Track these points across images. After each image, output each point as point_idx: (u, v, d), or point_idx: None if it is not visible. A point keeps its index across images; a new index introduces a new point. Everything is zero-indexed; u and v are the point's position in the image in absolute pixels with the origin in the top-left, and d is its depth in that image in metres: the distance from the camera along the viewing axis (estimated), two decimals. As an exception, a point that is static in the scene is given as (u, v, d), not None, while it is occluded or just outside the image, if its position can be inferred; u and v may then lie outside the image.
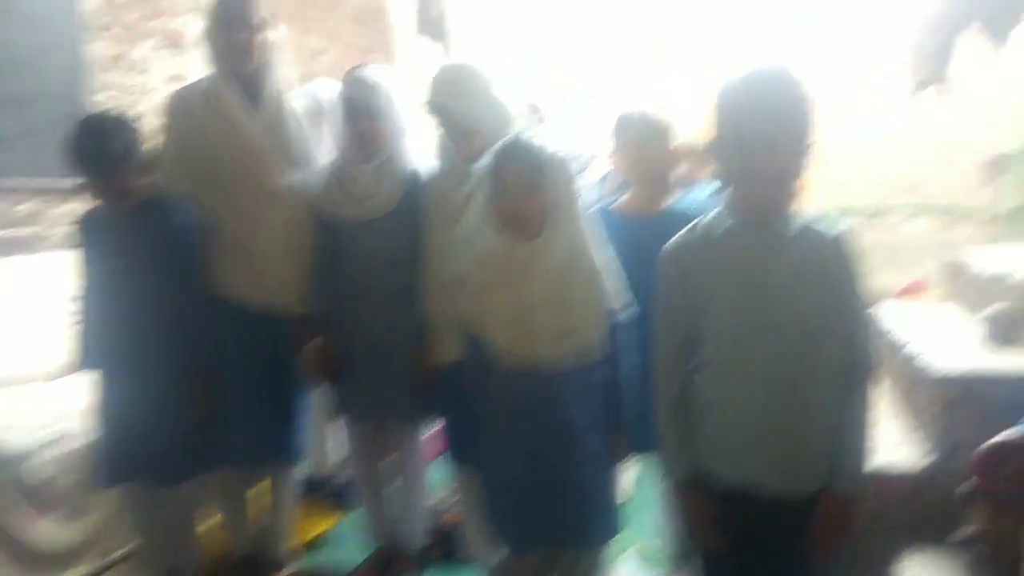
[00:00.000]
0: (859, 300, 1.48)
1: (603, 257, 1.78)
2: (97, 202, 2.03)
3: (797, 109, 1.37)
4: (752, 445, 1.46)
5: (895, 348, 2.67)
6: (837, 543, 1.48)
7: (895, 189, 6.36)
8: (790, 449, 1.45)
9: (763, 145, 1.35)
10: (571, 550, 1.81)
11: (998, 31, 3.42)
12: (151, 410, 2.01)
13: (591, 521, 1.76)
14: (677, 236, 1.55)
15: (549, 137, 1.76)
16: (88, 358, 2.07)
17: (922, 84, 4.28)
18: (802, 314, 1.42)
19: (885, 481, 2.20)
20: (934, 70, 4.15)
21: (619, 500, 1.85)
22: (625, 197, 2.23)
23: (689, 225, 1.55)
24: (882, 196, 6.37)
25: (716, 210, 1.51)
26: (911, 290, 5.02)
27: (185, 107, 2.15)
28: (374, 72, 2.16)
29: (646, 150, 2.13)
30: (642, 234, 1.92)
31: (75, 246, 2.10)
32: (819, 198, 6.42)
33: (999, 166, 5.85)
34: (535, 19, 7.06)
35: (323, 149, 2.31)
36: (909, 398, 2.54)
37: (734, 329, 1.46)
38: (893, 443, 2.39)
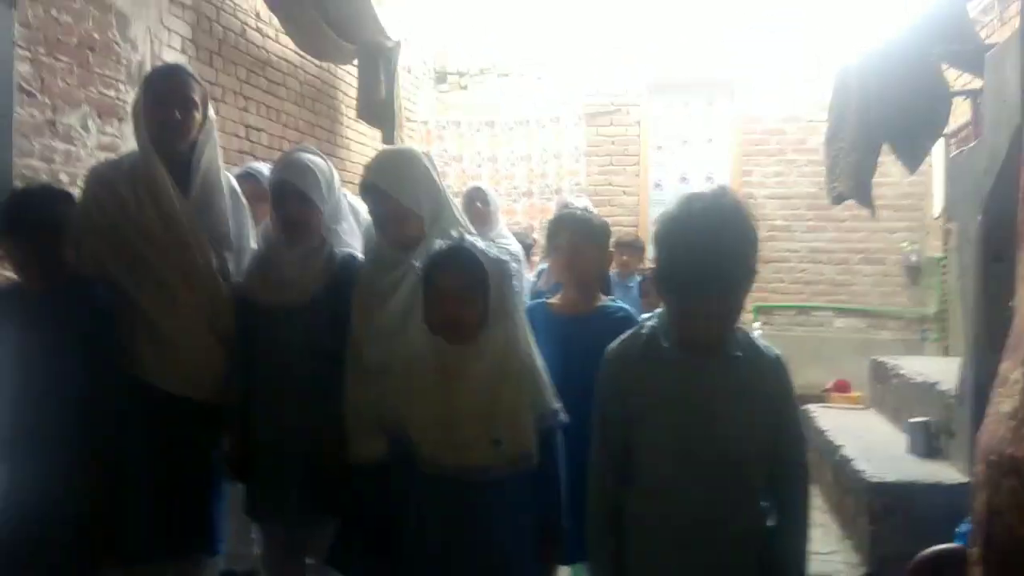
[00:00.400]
0: (797, 422, 1.50)
1: (535, 359, 1.74)
2: (17, 275, 1.91)
3: (733, 249, 1.34)
4: (681, 565, 1.44)
5: (828, 450, 2.70)
6: None
7: (816, 291, 6.63)
8: (718, 569, 1.43)
9: (697, 288, 1.34)
10: None
11: (910, 156, 3.59)
12: (47, 497, 1.86)
13: None
14: (617, 345, 1.54)
15: (499, 238, 1.75)
16: None
17: (838, 198, 4.50)
18: (744, 436, 1.42)
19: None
20: (850, 186, 4.38)
21: None
22: (559, 295, 2.24)
23: (629, 332, 1.55)
24: (804, 297, 6.64)
25: (656, 320, 1.51)
26: (837, 388, 5.16)
27: (106, 184, 2.07)
28: (307, 156, 2.13)
29: (579, 252, 2.16)
30: (576, 332, 1.92)
31: None
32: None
33: (920, 272, 6.18)
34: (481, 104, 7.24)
35: (250, 233, 2.26)
36: (841, 503, 2.56)
37: (673, 450, 1.44)
38: (828, 548, 2.39)
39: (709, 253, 1.32)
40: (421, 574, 1.68)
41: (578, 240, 2.16)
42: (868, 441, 2.70)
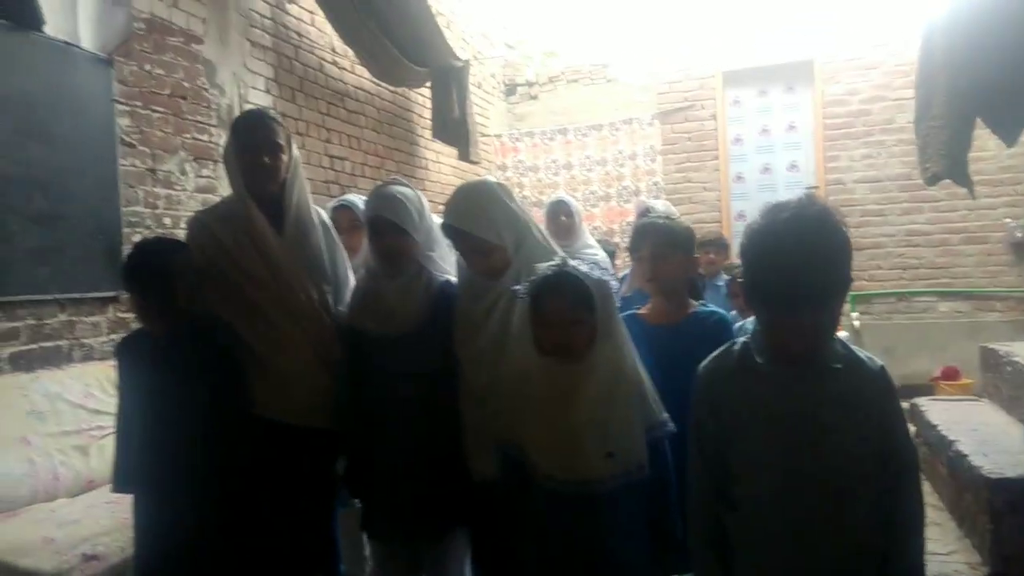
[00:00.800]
0: (903, 431, 1.44)
1: (641, 371, 1.77)
2: (141, 322, 2.04)
3: (823, 262, 1.29)
4: None
5: (942, 445, 2.60)
6: None
7: (916, 275, 6.36)
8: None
9: (788, 304, 1.30)
10: None
11: (1007, 127, 3.40)
12: (188, 530, 1.97)
13: None
14: (709, 361, 1.54)
15: (587, 254, 1.77)
16: (120, 481, 2.05)
17: (933, 179, 4.31)
18: (848, 449, 1.38)
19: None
20: (945, 166, 4.18)
21: None
22: (649, 305, 2.25)
23: (722, 348, 1.53)
24: (903, 283, 6.37)
25: (749, 335, 1.49)
26: (945, 376, 4.94)
27: (207, 232, 2.17)
28: (398, 188, 2.19)
29: (663, 261, 2.14)
30: (669, 342, 1.92)
31: (116, 368, 2.11)
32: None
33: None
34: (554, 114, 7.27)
35: (345, 264, 2.35)
36: (959, 499, 2.45)
37: (774, 465, 1.42)
38: (947, 548, 2.29)
39: (798, 269, 1.28)
40: None
41: (660, 250, 2.15)
42: (983, 434, 2.58)
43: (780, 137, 6.72)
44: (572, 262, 1.74)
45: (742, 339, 1.51)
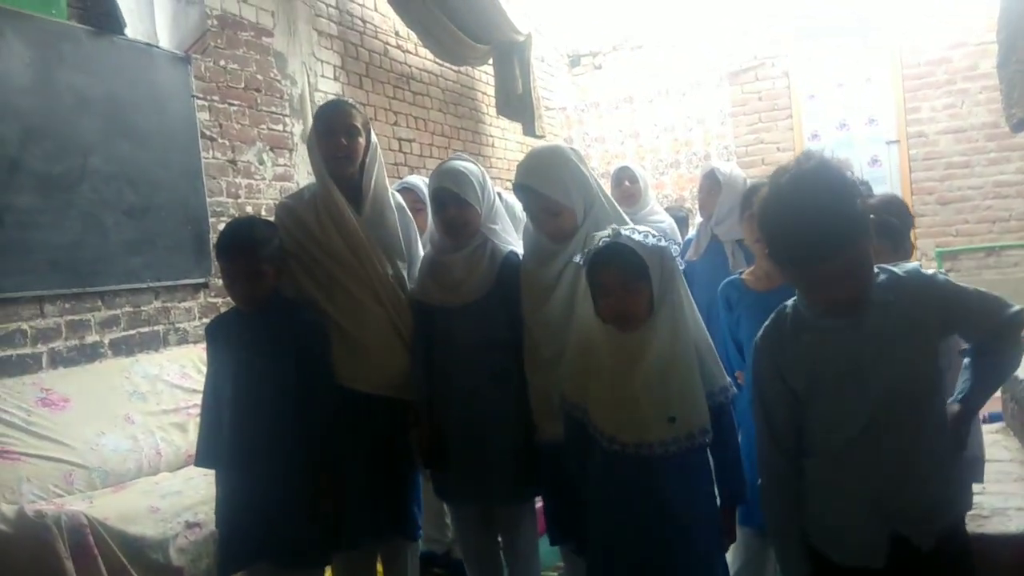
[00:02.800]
0: (964, 293, 1.45)
1: (704, 337, 1.79)
2: (231, 294, 2.17)
3: (828, 210, 1.32)
4: (863, 527, 1.43)
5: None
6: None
7: (1006, 228, 6.07)
8: (909, 523, 1.42)
9: (810, 260, 1.33)
10: None
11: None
12: (274, 500, 2.07)
13: None
14: (765, 328, 1.55)
15: (653, 219, 1.78)
16: (203, 456, 2.18)
17: (1020, 125, 4.11)
18: (899, 376, 1.40)
19: (1008, 545, 2.05)
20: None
21: None
22: (752, 269, 2.26)
23: (774, 313, 1.54)
24: (992, 236, 6.09)
25: (797, 297, 1.50)
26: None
27: (292, 214, 2.29)
28: (460, 162, 2.26)
29: None
30: (774, 306, 1.92)
31: (206, 347, 2.25)
32: (925, 243, 6.25)
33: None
34: (618, 86, 7.21)
35: (418, 242, 2.44)
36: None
37: (833, 406, 1.44)
38: (1017, 504, 2.23)
39: (808, 220, 1.31)
40: (608, 546, 1.75)
41: None
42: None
43: (857, 91, 6.47)
44: (628, 230, 1.76)
45: (791, 301, 1.51)
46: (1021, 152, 5.95)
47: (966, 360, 1.58)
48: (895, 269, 1.45)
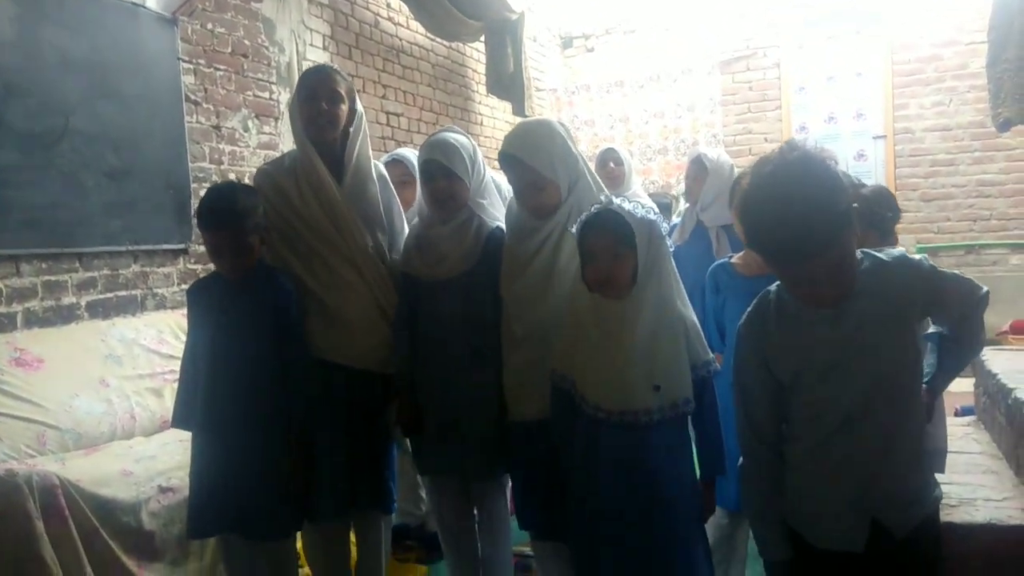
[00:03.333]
0: (940, 277, 1.46)
1: (690, 313, 1.81)
2: (213, 261, 2.15)
3: (812, 204, 1.28)
4: (842, 512, 1.45)
5: (1002, 393, 2.55)
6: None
7: (986, 227, 6.13)
8: (883, 509, 1.44)
9: (792, 255, 1.32)
10: None
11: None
12: (246, 469, 2.07)
13: (685, 571, 1.75)
14: (748, 315, 1.56)
15: (636, 199, 1.80)
16: (180, 418, 2.18)
17: (1005, 125, 4.14)
18: (884, 362, 1.40)
19: (995, 537, 2.09)
20: (1019, 110, 4.01)
21: (710, 552, 1.83)
22: (742, 255, 2.28)
23: (757, 300, 1.55)
24: (973, 235, 6.15)
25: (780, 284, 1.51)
26: (1014, 330, 4.80)
27: (271, 181, 2.26)
28: (451, 135, 2.24)
29: None
30: (756, 292, 1.93)
31: (187, 310, 2.23)
32: (906, 238, 6.29)
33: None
34: (609, 69, 7.18)
35: (401, 214, 2.43)
36: (1016, 446, 2.41)
37: (818, 394, 1.44)
38: (1002, 495, 2.27)
39: (792, 216, 1.28)
40: (592, 516, 1.78)
41: None
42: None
43: (847, 85, 6.48)
44: (620, 199, 1.78)
45: (774, 287, 1.51)
46: (1005, 152, 6.01)
47: (929, 344, 1.59)
48: (879, 255, 1.45)
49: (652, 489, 1.72)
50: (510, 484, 2.32)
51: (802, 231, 1.28)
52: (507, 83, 5.75)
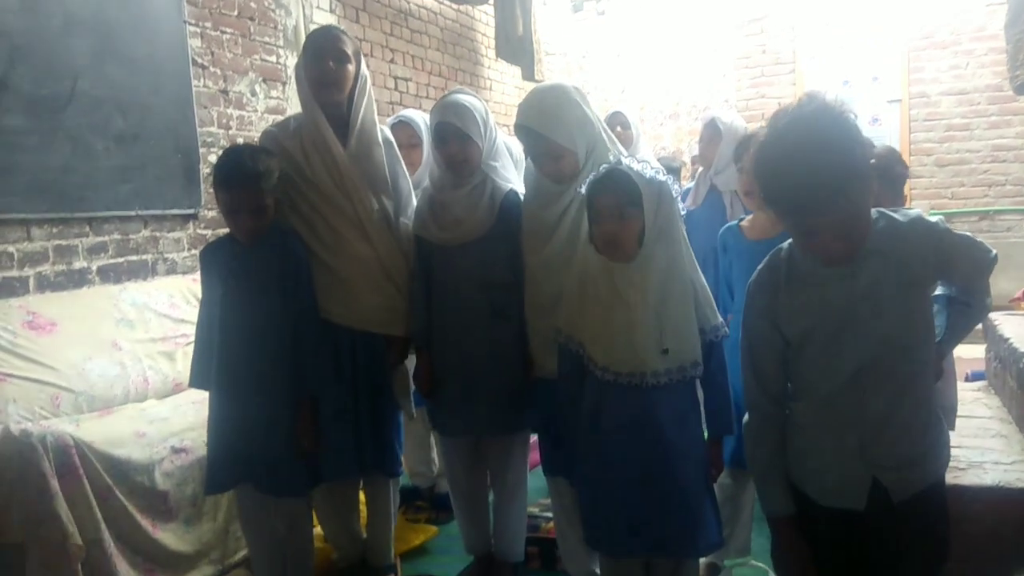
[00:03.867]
0: (952, 237, 1.43)
1: (699, 276, 1.80)
2: (227, 222, 2.14)
3: (829, 159, 1.26)
4: (846, 471, 1.44)
5: (1013, 358, 2.54)
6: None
7: (1001, 192, 6.05)
8: (889, 469, 1.43)
9: (807, 210, 1.30)
10: (668, 559, 1.82)
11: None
12: (260, 427, 2.10)
13: (695, 530, 1.76)
14: (759, 273, 1.54)
15: (646, 160, 1.78)
16: (197, 378, 2.20)
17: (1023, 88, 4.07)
18: (893, 323, 1.38)
19: (1003, 500, 2.09)
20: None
21: (718, 513, 1.84)
22: (751, 218, 2.25)
23: (768, 258, 1.53)
24: (988, 201, 6.08)
25: (792, 243, 1.49)
26: (1024, 298, 4.76)
27: (277, 143, 2.24)
28: (463, 97, 2.21)
29: None
30: (760, 255, 1.92)
31: (200, 272, 2.23)
32: (920, 204, 6.24)
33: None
34: (617, 34, 7.08)
35: (406, 178, 2.41)
36: (1025, 411, 2.41)
37: (826, 353, 1.43)
38: (1011, 459, 2.27)
39: (807, 167, 1.26)
40: (600, 476, 1.79)
41: None
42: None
43: (862, 48, 6.37)
44: (630, 160, 1.76)
45: (786, 244, 1.50)
46: (1022, 117, 5.91)
47: (936, 305, 1.57)
48: (895, 215, 1.43)
49: (659, 450, 1.72)
50: (530, 440, 2.34)
51: (812, 184, 1.26)
52: (516, 47, 5.69)
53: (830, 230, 1.31)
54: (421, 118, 2.91)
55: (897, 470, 1.43)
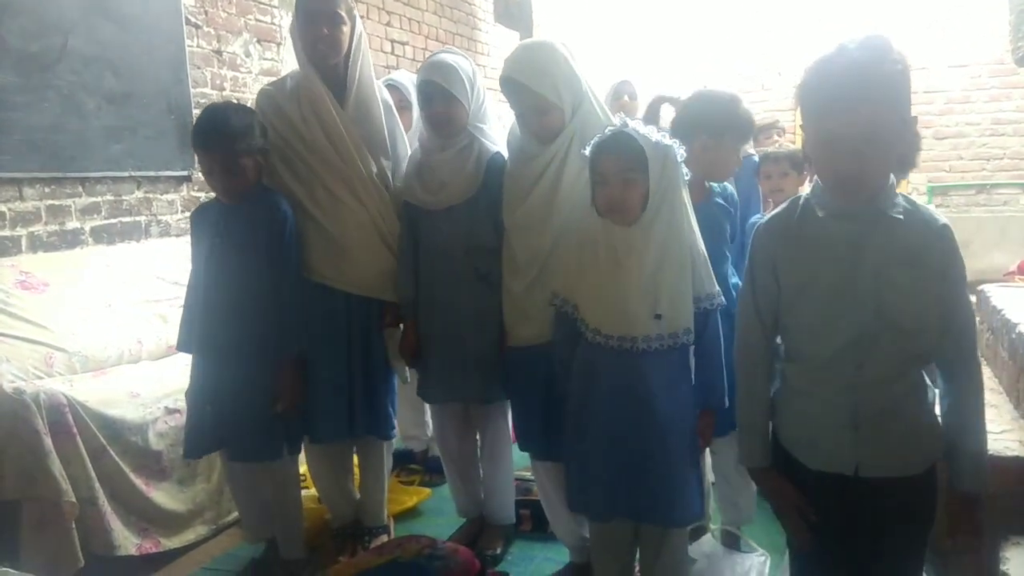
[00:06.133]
0: (965, 296, 1.40)
1: (698, 244, 1.77)
2: (209, 183, 2.12)
3: (887, 71, 1.27)
4: (837, 435, 1.43)
5: (1005, 328, 2.55)
6: (967, 541, 1.47)
7: (999, 166, 6.04)
8: (877, 437, 1.41)
9: (846, 105, 1.27)
10: (655, 526, 1.82)
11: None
12: (239, 390, 2.08)
13: (675, 499, 1.75)
14: (769, 218, 1.52)
15: (650, 126, 1.74)
16: (185, 341, 2.18)
17: (1024, 59, 4.05)
18: (893, 300, 1.36)
19: (993, 467, 2.11)
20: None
21: (705, 481, 1.83)
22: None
23: (785, 203, 1.51)
24: (985, 174, 6.07)
25: (811, 190, 1.47)
26: (1021, 271, 4.77)
27: (273, 103, 2.21)
28: (450, 56, 2.18)
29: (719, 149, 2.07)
30: (701, 217, 1.90)
31: (190, 233, 2.22)
32: (917, 177, 6.22)
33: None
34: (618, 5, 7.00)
35: (404, 140, 2.38)
36: (1017, 380, 2.42)
37: (821, 314, 1.41)
38: (1000, 428, 2.29)
39: (862, 68, 1.27)
40: (587, 438, 1.78)
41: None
42: (1053, 317, 2.51)
43: (862, 18, 6.30)
44: (636, 123, 1.72)
45: (804, 194, 1.48)
46: (1022, 90, 5.88)
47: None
48: (921, 204, 1.42)
49: (647, 415, 1.71)
50: (511, 409, 2.34)
51: (849, 77, 1.27)
52: (515, 12, 5.63)
53: (851, 139, 1.29)
54: (410, 80, 2.87)
55: (883, 456, 1.42)
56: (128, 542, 2.25)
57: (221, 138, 2.01)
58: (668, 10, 6.75)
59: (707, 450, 2.24)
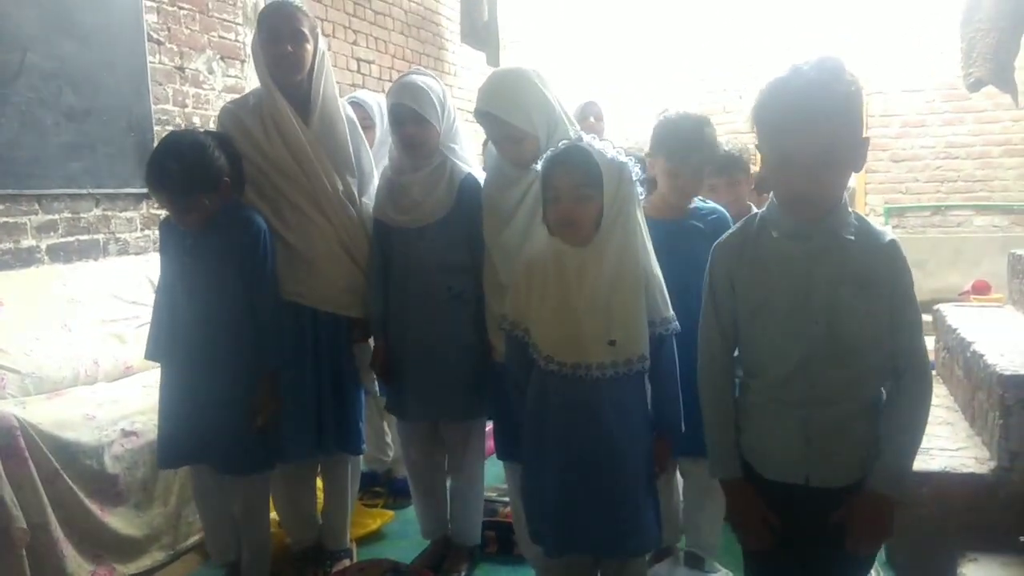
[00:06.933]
0: (913, 309, 1.43)
1: (653, 266, 1.74)
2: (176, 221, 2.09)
3: (841, 90, 1.30)
4: (789, 449, 1.46)
5: (960, 347, 2.61)
6: (873, 543, 1.47)
7: (953, 188, 6.21)
8: (827, 451, 1.44)
9: (802, 124, 1.30)
10: (612, 558, 1.79)
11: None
12: (214, 404, 2.06)
13: (630, 529, 1.71)
14: (727, 237, 1.54)
15: (606, 141, 1.73)
16: (152, 351, 2.15)
17: (976, 85, 4.17)
18: (844, 321, 1.39)
19: (948, 484, 2.15)
20: (989, 70, 4.04)
21: (660, 507, 1.79)
22: (655, 197, 2.16)
23: (740, 223, 1.53)
24: (940, 196, 6.24)
25: (766, 209, 1.49)
26: (976, 290, 4.89)
27: (236, 120, 2.20)
28: (420, 77, 2.19)
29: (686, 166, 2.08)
30: (673, 237, 1.91)
31: (159, 241, 2.19)
32: (874, 198, 6.37)
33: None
34: (585, 25, 7.08)
35: (369, 157, 2.38)
36: (972, 399, 2.48)
37: (776, 333, 1.44)
38: (956, 445, 2.34)
39: (819, 89, 1.29)
40: (544, 468, 1.75)
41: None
42: (1002, 337, 2.57)
43: (820, 43, 6.46)
44: (592, 138, 1.71)
45: (761, 212, 1.50)
46: (975, 114, 6.07)
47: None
48: (875, 225, 1.45)
49: (602, 443, 1.67)
50: (488, 426, 2.33)
51: (831, 103, 1.30)
52: (481, 33, 5.66)
53: (806, 158, 1.31)
54: (374, 100, 2.87)
55: (832, 468, 1.44)
56: (81, 569, 2.18)
57: (170, 183, 1.98)
58: (634, 27, 6.84)
59: (676, 472, 2.26)
